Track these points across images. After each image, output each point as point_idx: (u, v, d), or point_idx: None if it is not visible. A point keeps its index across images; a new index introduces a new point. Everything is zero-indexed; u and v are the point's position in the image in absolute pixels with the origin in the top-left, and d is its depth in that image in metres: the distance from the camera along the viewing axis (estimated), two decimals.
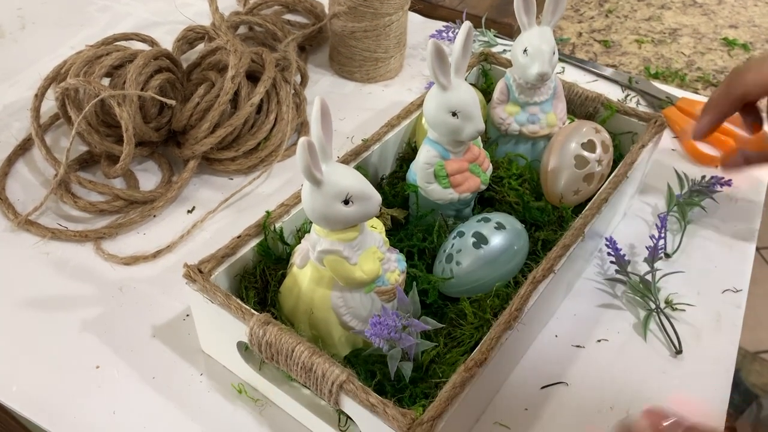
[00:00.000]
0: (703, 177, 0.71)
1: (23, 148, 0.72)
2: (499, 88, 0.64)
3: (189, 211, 0.67)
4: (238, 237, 0.52)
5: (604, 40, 1.00)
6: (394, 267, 0.50)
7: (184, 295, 0.58)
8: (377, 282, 0.49)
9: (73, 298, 0.59)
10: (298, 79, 0.81)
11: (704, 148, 0.77)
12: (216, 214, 0.66)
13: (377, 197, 0.46)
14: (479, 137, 0.58)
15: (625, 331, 0.58)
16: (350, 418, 0.45)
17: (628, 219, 0.69)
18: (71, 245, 0.63)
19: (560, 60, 0.90)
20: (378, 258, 0.48)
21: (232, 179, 0.71)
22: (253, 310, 0.47)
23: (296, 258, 0.50)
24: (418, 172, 0.56)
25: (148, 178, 0.71)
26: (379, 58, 0.83)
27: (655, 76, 0.93)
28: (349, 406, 0.44)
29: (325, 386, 0.44)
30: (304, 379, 0.45)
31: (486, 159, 0.58)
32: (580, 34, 1.02)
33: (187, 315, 0.57)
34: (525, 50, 0.61)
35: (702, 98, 0.84)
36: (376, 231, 0.50)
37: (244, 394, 0.52)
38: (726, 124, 0.80)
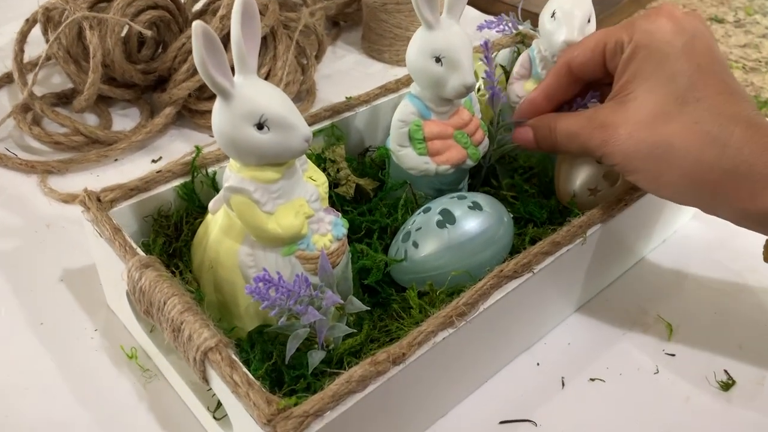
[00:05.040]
0: None
1: (9, 77, 0.68)
2: (520, 60, 0.53)
3: (154, 161, 0.60)
4: (158, 172, 0.44)
5: None
6: (326, 230, 0.40)
7: None
8: (299, 244, 0.39)
9: None
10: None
11: None
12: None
13: (304, 129, 0.36)
14: (474, 98, 0.48)
15: (630, 374, 0.45)
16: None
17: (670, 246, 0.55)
18: (17, 174, 0.57)
19: None
20: (304, 213, 0.39)
21: (213, 137, 0.63)
22: (139, 250, 0.38)
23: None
24: (391, 131, 0.46)
25: (127, 124, 0.64)
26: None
27: None
28: (216, 383, 0.34)
29: (191, 352, 0.34)
30: (172, 340, 0.35)
31: (479, 130, 0.47)
32: None
33: None
34: (553, 14, 0.50)
35: None
36: (313, 183, 0.40)
37: (135, 360, 0.43)
38: None
